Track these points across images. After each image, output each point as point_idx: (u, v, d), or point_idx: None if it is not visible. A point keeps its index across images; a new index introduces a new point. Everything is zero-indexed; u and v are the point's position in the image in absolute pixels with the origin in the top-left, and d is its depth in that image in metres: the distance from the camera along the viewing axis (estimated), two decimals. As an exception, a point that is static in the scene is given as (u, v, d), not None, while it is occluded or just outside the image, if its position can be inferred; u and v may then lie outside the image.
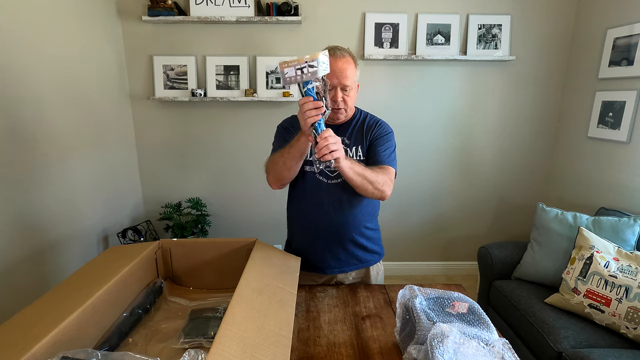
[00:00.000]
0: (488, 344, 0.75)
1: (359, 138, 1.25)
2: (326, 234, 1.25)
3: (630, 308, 1.43)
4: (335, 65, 1.12)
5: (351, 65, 1.15)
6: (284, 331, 0.77)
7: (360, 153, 1.24)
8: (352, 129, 1.26)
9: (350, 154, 1.23)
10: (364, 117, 1.29)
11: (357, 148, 1.24)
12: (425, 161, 2.66)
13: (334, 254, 1.27)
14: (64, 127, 1.85)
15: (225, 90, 2.45)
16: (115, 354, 0.73)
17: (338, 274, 1.30)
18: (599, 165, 2.24)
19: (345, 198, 1.23)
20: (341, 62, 1.13)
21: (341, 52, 1.15)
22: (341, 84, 1.13)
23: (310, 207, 1.26)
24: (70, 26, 1.90)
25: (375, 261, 1.35)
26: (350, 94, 1.17)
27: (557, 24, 2.44)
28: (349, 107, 1.19)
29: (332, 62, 1.10)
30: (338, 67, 1.12)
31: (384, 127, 1.28)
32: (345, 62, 1.14)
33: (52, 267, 1.77)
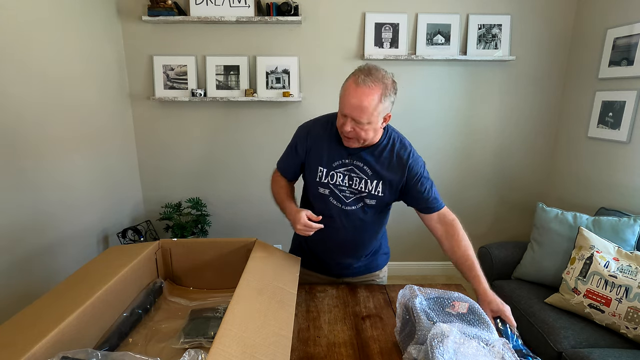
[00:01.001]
0: (488, 344, 0.75)
1: (384, 173, 1.11)
2: (338, 249, 1.24)
3: (630, 308, 1.43)
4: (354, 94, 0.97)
5: (374, 98, 0.96)
6: (284, 331, 0.77)
7: (379, 189, 1.12)
8: (377, 158, 1.11)
9: (370, 188, 1.12)
10: (392, 145, 1.12)
11: (377, 183, 1.11)
12: (425, 161, 2.65)
13: (345, 265, 1.28)
14: (64, 127, 1.85)
15: (225, 90, 2.44)
16: (115, 354, 0.74)
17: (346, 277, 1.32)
18: (599, 165, 2.24)
19: (358, 223, 1.17)
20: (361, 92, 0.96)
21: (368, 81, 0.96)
22: (353, 117, 0.99)
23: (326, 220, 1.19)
24: (70, 26, 1.90)
25: (384, 263, 1.36)
26: (367, 129, 1.01)
27: (557, 24, 2.44)
28: (363, 138, 1.04)
29: (352, 90, 0.98)
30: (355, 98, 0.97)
31: (417, 162, 1.13)
32: (366, 93, 0.96)
33: (52, 267, 1.77)
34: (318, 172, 1.15)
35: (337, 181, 1.14)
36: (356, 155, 1.12)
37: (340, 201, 1.15)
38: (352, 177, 1.13)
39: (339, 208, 1.16)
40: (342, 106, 1.02)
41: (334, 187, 1.14)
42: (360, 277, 1.32)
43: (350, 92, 0.98)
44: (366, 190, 1.13)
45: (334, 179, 1.14)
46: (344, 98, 1.01)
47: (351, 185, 1.13)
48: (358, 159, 1.12)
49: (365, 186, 1.12)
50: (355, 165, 1.12)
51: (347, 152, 1.12)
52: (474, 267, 1.07)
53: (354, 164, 1.12)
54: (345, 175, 1.13)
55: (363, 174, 1.12)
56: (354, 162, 1.12)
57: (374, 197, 1.13)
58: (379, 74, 0.99)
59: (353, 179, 1.13)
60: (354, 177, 1.13)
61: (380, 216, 1.22)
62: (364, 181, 1.12)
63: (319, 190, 1.16)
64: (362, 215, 1.16)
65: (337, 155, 1.13)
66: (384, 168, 1.11)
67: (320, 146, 1.15)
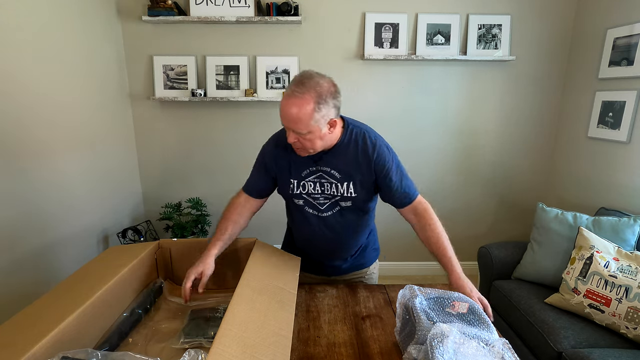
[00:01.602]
0: (488, 344, 0.75)
1: (353, 171, 1.09)
2: (324, 253, 1.25)
3: (630, 308, 1.43)
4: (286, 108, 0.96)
5: (307, 108, 0.94)
6: (284, 331, 0.77)
7: (352, 190, 1.10)
8: (342, 157, 1.09)
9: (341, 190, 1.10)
10: (356, 140, 1.09)
11: (348, 185, 1.09)
12: (425, 161, 2.66)
13: (333, 266, 1.28)
14: (64, 127, 1.85)
15: (225, 90, 2.44)
16: (115, 354, 0.73)
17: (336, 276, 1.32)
18: (599, 165, 2.24)
19: (337, 228, 1.17)
20: (293, 105, 0.95)
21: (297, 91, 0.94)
22: (290, 129, 0.99)
23: (305, 232, 1.23)
24: (70, 26, 1.90)
25: (374, 259, 1.37)
26: (309, 137, 0.99)
27: (557, 24, 2.44)
28: (310, 148, 1.02)
29: (284, 103, 0.97)
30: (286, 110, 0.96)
31: (384, 156, 1.09)
32: (296, 105, 0.94)
33: (52, 267, 1.77)
34: (290, 184, 1.14)
35: (309, 190, 1.13)
36: (321, 160, 1.10)
37: (315, 209, 1.15)
38: (322, 183, 1.12)
39: (315, 216, 1.16)
40: (281, 119, 1.00)
41: (308, 197, 1.14)
42: (350, 275, 1.33)
43: (283, 105, 0.97)
44: (338, 193, 1.11)
45: (305, 189, 1.13)
46: (280, 111, 0.99)
47: (323, 191, 1.12)
48: (324, 164, 1.10)
49: (337, 190, 1.11)
50: (322, 170, 1.11)
51: (312, 159, 1.10)
52: (446, 253, 1.06)
53: (322, 170, 1.11)
54: (315, 183, 1.12)
55: (332, 178, 1.10)
56: (321, 168, 1.11)
57: (348, 199, 1.12)
58: (311, 82, 0.96)
59: (324, 184, 1.12)
60: (325, 183, 1.11)
61: (361, 216, 1.20)
62: (334, 185, 1.11)
63: (295, 201, 1.17)
64: (340, 219, 1.16)
65: (303, 165, 1.12)
66: (351, 167, 1.09)
67: (286, 160, 1.14)
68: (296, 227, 1.28)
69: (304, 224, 1.20)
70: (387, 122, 2.57)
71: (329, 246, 1.22)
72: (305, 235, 1.25)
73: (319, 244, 1.22)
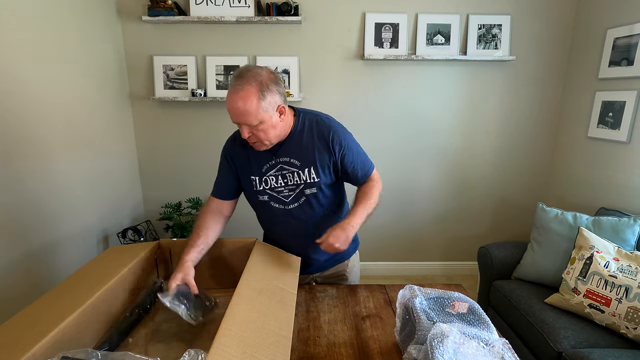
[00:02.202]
0: (488, 344, 0.75)
1: (311, 156, 1.10)
2: (295, 247, 1.23)
3: (630, 308, 1.43)
4: (230, 101, 0.97)
5: (251, 98, 0.96)
6: (284, 331, 0.77)
7: (314, 175, 1.11)
8: (299, 144, 1.11)
9: (304, 177, 1.11)
10: (310, 125, 1.11)
11: (310, 170, 1.11)
12: (425, 161, 2.66)
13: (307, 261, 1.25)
14: (64, 127, 1.85)
15: (225, 90, 2.44)
16: (115, 354, 0.73)
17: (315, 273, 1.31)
18: (599, 165, 2.24)
19: (306, 219, 1.17)
20: (235, 98, 0.96)
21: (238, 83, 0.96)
22: (240, 123, 1.01)
23: (274, 228, 1.25)
24: (70, 26, 1.90)
25: (351, 253, 1.34)
26: (262, 128, 1.00)
27: (557, 24, 2.44)
28: (266, 139, 1.04)
29: (229, 99, 0.98)
30: (232, 104, 0.97)
31: (339, 137, 1.11)
32: (240, 97, 0.96)
33: (52, 267, 1.77)
34: (252, 182, 1.15)
35: (271, 185, 1.14)
36: (279, 151, 1.12)
37: (281, 202, 1.16)
38: (284, 175, 1.13)
39: (282, 210, 1.16)
40: (230, 116, 1.01)
41: (271, 191, 1.15)
42: (330, 271, 1.31)
43: (228, 101, 0.99)
44: (302, 181, 1.12)
45: (268, 184, 1.14)
46: (227, 109, 1.00)
47: (287, 183, 1.13)
48: (282, 154, 1.12)
49: (299, 178, 1.12)
50: (282, 162, 1.12)
51: (270, 152, 1.12)
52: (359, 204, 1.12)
53: (281, 161, 1.12)
54: (277, 176, 1.13)
55: (292, 167, 1.12)
56: (280, 160, 1.12)
57: (312, 185, 1.13)
58: (249, 73, 0.98)
59: (286, 176, 1.13)
60: (286, 174, 1.13)
61: (329, 202, 1.19)
62: (296, 174, 1.12)
63: (259, 198, 1.17)
64: (308, 209, 1.16)
65: (262, 160, 1.13)
66: (309, 152, 1.11)
67: (244, 157, 1.16)
68: (266, 225, 1.29)
69: (273, 220, 1.21)
70: (387, 122, 2.57)
71: (301, 239, 1.20)
72: (277, 232, 1.25)
73: (292, 238, 1.22)
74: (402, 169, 2.66)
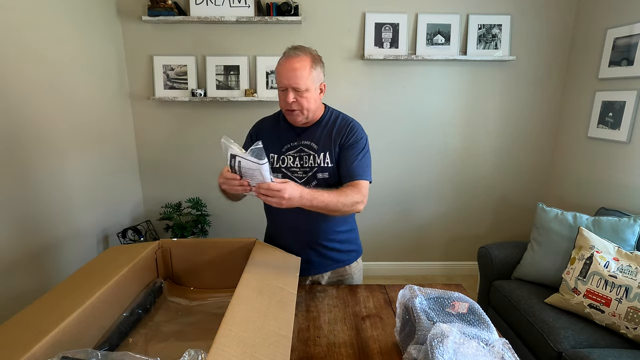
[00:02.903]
0: (488, 344, 0.75)
1: (328, 143, 1.17)
2: (296, 239, 1.24)
3: (630, 308, 1.43)
4: (287, 65, 1.07)
5: (305, 65, 1.07)
6: (284, 331, 0.77)
7: (328, 160, 1.17)
8: (321, 132, 1.18)
9: (318, 161, 1.17)
10: (335, 118, 1.21)
11: (324, 154, 1.17)
12: (425, 161, 2.66)
13: (305, 257, 1.23)
14: (64, 127, 1.85)
15: (225, 90, 2.45)
16: (115, 354, 0.73)
17: (313, 275, 1.29)
18: (599, 165, 2.24)
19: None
20: (293, 62, 1.07)
21: (295, 52, 1.09)
22: (291, 86, 1.07)
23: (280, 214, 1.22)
24: (70, 26, 1.90)
25: (353, 260, 1.33)
26: (307, 96, 1.09)
27: (557, 24, 2.44)
28: (306, 108, 1.11)
29: (284, 62, 1.08)
30: (289, 67, 1.07)
31: (355, 131, 1.19)
32: (297, 61, 1.07)
33: (52, 267, 1.77)
34: (270, 159, 1.19)
35: (287, 164, 1.19)
36: (303, 134, 1.19)
37: None
38: (302, 157, 1.18)
39: None
40: (279, 79, 1.09)
41: (286, 170, 1.19)
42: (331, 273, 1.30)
43: (283, 64, 1.09)
44: (316, 164, 1.17)
45: (285, 163, 1.19)
46: (279, 72, 1.09)
47: (302, 165, 1.18)
48: (305, 137, 1.19)
49: (314, 161, 1.17)
50: (303, 144, 1.19)
51: (295, 134, 1.20)
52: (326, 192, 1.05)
53: (302, 144, 1.19)
54: (295, 157, 1.19)
55: (311, 150, 1.18)
56: (302, 142, 1.19)
57: (325, 169, 1.17)
58: (304, 47, 1.12)
59: (303, 157, 1.18)
60: (304, 156, 1.18)
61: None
62: (312, 157, 1.18)
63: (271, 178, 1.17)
64: None
65: (285, 139, 1.20)
66: (329, 139, 1.18)
67: (269, 135, 1.22)
68: (269, 212, 1.30)
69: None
70: (387, 122, 2.58)
71: (302, 226, 1.21)
72: (283, 218, 1.24)
73: (293, 226, 1.23)
74: (402, 169, 2.66)
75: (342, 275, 1.32)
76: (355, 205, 1.10)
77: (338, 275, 1.32)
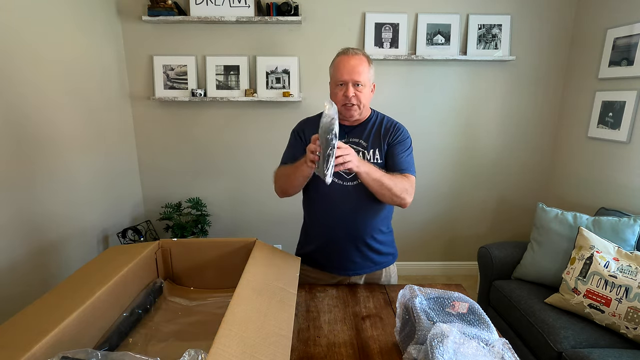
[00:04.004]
0: (488, 344, 0.75)
1: (377, 141, 1.22)
2: (341, 237, 1.24)
3: (630, 308, 1.43)
4: (347, 62, 1.14)
5: (364, 63, 1.14)
6: (284, 331, 0.77)
7: (377, 156, 1.21)
8: (370, 130, 1.23)
9: (368, 157, 1.21)
10: (381, 119, 1.27)
11: (374, 151, 1.22)
12: (425, 161, 2.66)
13: (349, 257, 1.26)
14: (64, 127, 1.85)
15: (225, 90, 2.45)
16: (115, 354, 0.73)
17: (352, 275, 1.30)
18: (599, 165, 2.24)
19: (360, 202, 1.20)
20: (353, 59, 1.14)
21: (354, 51, 1.17)
22: (353, 80, 1.13)
23: (325, 210, 1.25)
24: (70, 26, 1.90)
25: (389, 263, 1.35)
26: (364, 91, 1.15)
27: (557, 24, 2.44)
28: (362, 104, 1.17)
29: (344, 59, 1.14)
30: (350, 63, 1.13)
31: (403, 131, 1.25)
32: (357, 59, 1.14)
33: (52, 267, 1.77)
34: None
35: None
36: (350, 132, 1.23)
37: (341, 178, 1.20)
38: None
39: (340, 185, 1.20)
40: (339, 75, 1.14)
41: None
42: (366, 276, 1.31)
43: (344, 61, 1.14)
44: (366, 159, 1.19)
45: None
46: (340, 68, 1.14)
47: None
48: (353, 135, 1.22)
49: (364, 157, 1.20)
50: (351, 142, 1.22)
51: (343, 132, 1.21)
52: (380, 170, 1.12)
53: (351, 141, 1.22)
54: None
55: (360, 147, 1.21)
56: (350, 140, 1.22)
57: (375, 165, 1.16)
58: (357, 49, 1.18)
59: None
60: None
61: None
62: (361, 153, 1.21)
63: None
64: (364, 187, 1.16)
65: None
66: (377, 137, 1.22)
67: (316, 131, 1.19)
68: (316, 205, 1.28)
69: (324, 197, 1.23)
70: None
71: (349, 221, 1.22)
72: (325, 211, 1.25)
73: (339, 221, 1.23)
74: (402, 169, 2.66)
75: (378, 277, 1.33)
76: (405, 193, 1.14)
77: (375, 279, 1.33)
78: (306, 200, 1.33)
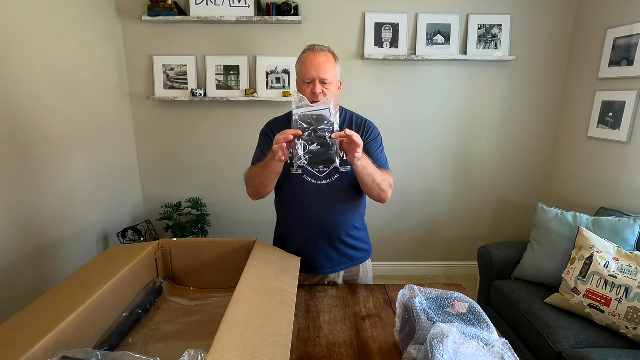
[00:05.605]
0: (488, 344, 0.75)
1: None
2: (317, 236, 1.24)
3: (630, 308, 1.43)
4: (314, 58, 1.13)
5: (330, 60, 1.15)
6: (284, 331, 0.77)
7: None
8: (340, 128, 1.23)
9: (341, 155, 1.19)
10: (351, 116, 1.26)
11: None
12: (425, 161, 2.66)
13: (325, 255, 1.27)
14: (64, 127, 1.85)
15: (225, 90, 2.45)
16: (115, 354, 0.73)
17: (330, 273, 1.30)
18: (599, 165, 2.24)
19: (334, 199, 1.21)
20: (320, 56, 1.14)
21: (320, 47, 1.17)
22: (319, 77, 1.12)
23: (299, 209, 1.24)
24: (70, 26, 1.90)
25: (365, 258, 1.36)
26: (331, 89, 1.15)
27: (557, 24, 2.44)
28: None
29: (311, 55, 1.14)
30: (316, 60, 1.13)
31: (374, 129, 1.26)
32: (324, 56, 1.14)
33: (52, 267, 1.77)
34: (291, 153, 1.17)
35: None
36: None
37: (314, 177, 1.20)
38: None
39: (314, 184, 1.20)
40: (306, 71, 1.13)
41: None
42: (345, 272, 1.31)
43: (309, 57, 1.14)
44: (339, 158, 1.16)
45: None
46: (306, 64, 1.13)
47: None
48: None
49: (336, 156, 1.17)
50: None
51: None
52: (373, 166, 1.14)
53: None
54: None
55: None
56: None
57: (347, 163, 1.17)
58: (323, 46, 1.18)
59: None
60: None
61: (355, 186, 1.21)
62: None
63: (292, 171, 1.20)
64: (339, 186, 1.19)
65: None
66: None
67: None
68: (291, 206, 1.27)
69: (299, 198, 1.22)
70: (387, 122, 2.57)
71: (325, 220, 1.22)
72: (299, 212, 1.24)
73: (315, 220, 1.22)
74: (402, 168, 2.66)
75: (355, 274, 1.33)
76: (389, 188, 1.18)
77: (353, 275, 1.33)
78: (279, 202, 1.33)
